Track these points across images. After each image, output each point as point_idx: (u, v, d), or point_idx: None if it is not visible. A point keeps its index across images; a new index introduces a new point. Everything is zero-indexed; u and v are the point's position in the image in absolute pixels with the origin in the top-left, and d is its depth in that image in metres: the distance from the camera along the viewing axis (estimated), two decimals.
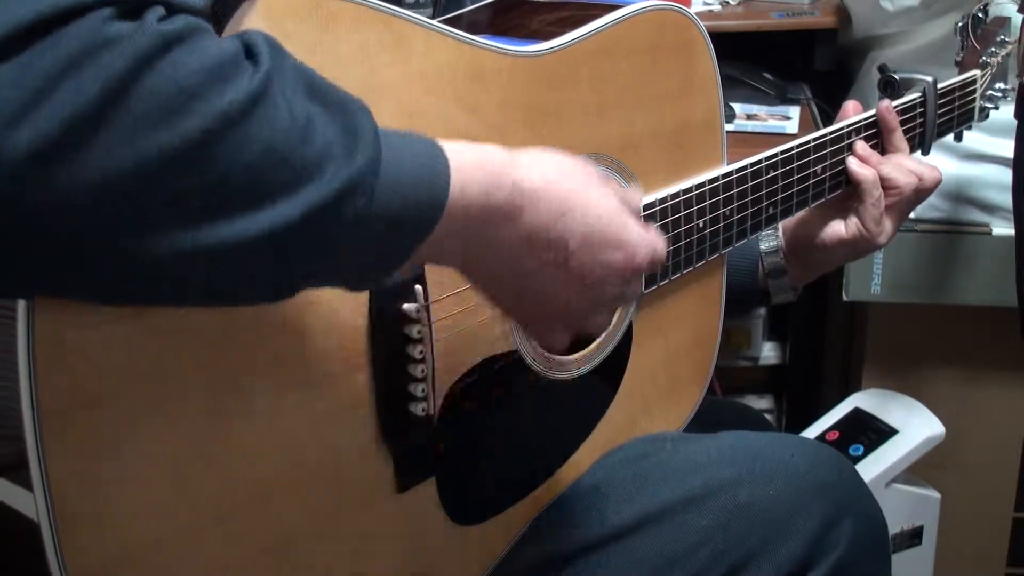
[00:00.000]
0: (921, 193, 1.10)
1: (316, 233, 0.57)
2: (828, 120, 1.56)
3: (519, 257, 0.68)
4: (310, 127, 0.57)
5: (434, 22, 0.76)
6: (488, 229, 0.66)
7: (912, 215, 1.19)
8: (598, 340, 0.94)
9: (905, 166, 1.09)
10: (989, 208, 1.46)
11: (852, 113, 1.10)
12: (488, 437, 0.87)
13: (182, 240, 0.54)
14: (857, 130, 1.08)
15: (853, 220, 1.09)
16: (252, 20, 0.64)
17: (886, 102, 1.10)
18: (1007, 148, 1.25)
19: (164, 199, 0.53)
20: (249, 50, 0.56)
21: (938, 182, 1.11)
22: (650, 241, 0.74)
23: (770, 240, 1.13)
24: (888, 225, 1.09)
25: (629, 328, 0.97)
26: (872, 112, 1.11)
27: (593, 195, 0.71)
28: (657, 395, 1.03)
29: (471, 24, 0.95)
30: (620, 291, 0.74)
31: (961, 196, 1.46)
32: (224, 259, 0.55)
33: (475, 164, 0.65)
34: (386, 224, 0.60)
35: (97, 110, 0.50)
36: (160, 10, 0.53)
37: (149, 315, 0.63)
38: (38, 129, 0.49)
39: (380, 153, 0.60)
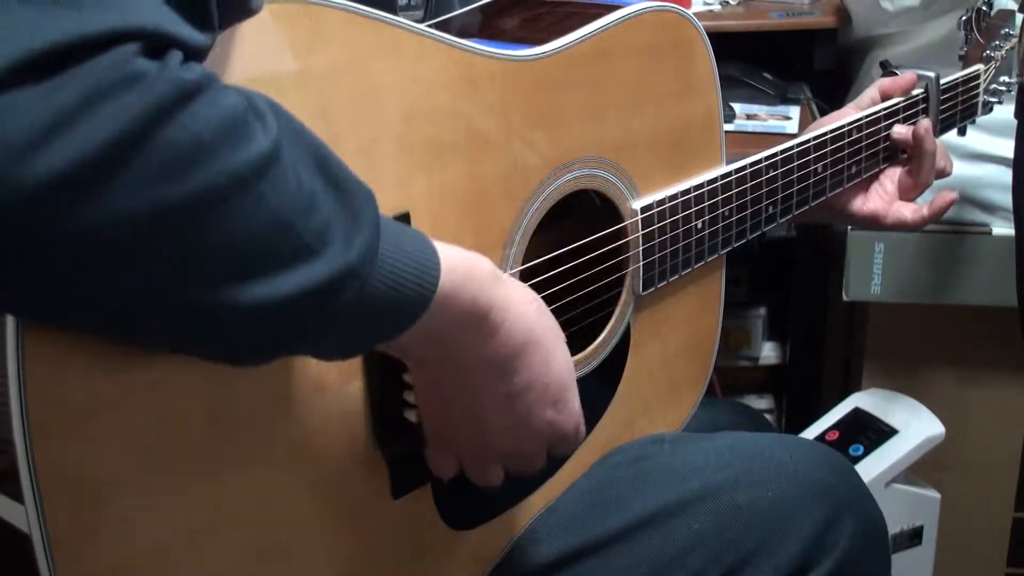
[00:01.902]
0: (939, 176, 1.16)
1: (304, 312, 0.57)
2: None
3: (473, 369, 0.70)
4: (315, 202, 0.57)
5: (425, 27, 0.76)
6: (459, 334, 0.67)
7: None
8: (597, 341, 0.94)
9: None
10: (989, 208, 1.46)
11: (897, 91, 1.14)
12: None
13: (173, 295, 0.54)
14: (859, 127, 1.08)
15: (877, 192, 1.13)
16: (245, 29, 0.63)
17: (926, 122, 1.11)
18: (1007, 148, 1.25)
19: (167, 252, 0.52)
20: (254, 105, 0.56)
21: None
22: (580, 419, 0.76)
23: None
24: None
25: (627, 329, 0.97)
26: (873, 109, 1.11)
27: (558, 346, 0.74)
28: (656, 396, 1.03)
29: (464, 26, 0.95)
30: (539, 448, 0.76)
31: (961, 196, 1.46)
32: (210, 320, 0.55)
33: (464, 271, 0.66)
34: (371, 312, 0.61)
35: (118, 149, 0.49)
36: (179, 54, 0.52)
37: None
38: (56, 159, 0.48)
39: (379, 244, 0.60)
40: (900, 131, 1.12)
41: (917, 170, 1.14)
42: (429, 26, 0.79)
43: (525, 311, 0.70)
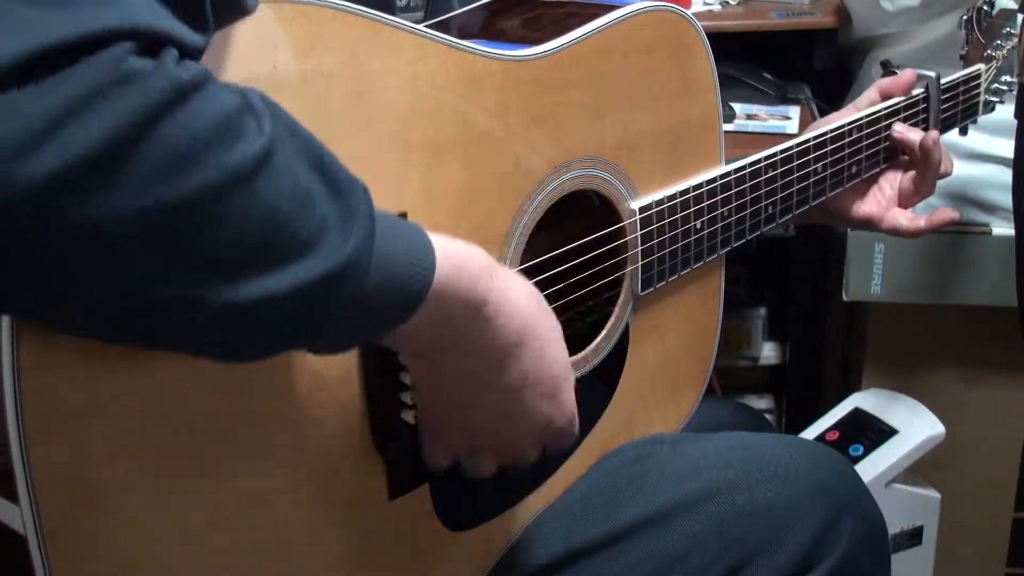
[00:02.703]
0: (940, 177, 1.15)
1: (301, 307, 0.57)
2: None
3: (469, 360, 0.70)
4: (310, 198, 0.57)
5: (423, 28, 0.75)
6: (456, 325, 0.67)
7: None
8: (595, 342, 0.94)
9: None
10: (989, 208, 1.46)
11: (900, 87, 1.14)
12: None
13: (172, 294, 0.53)
14: (859, 127, 1.08)
15: (875, 196, 1.13)
16: (242, 29, 0.63)
17: (934, 134, 1.11)
18: (1007, 148, 1.24)
19: (164, 250, 0.52)
20: (249, 102, 0.56)
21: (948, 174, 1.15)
22: (574, 413, 0.76)
23: None
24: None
25: (626, 330, 0.97)
26: (873, 109, 1.11)
27: (554, 338, 0.73)
28: (655, 396, 1.03)
29: (465, 26, 0.95)
30: (531, 440, 0.76)
31: (961, 196, 1.46)
32: (209, 318, 0.55)
33: (460, 262, 0.66)
34: (368, 306, 0.61)
35: (114, 149, 0.49)
36: (175, 52, 0.52)
37: None
38: (54, 159, 0.48)
39: (374, 238, 0.60)
40: (900, 130, 1.12)
41: (921, 180, 1.13)
42: (428, 26, 0.79)
43: (522, 303, 0.70)
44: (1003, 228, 1.45)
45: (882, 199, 1.15)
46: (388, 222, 0.62)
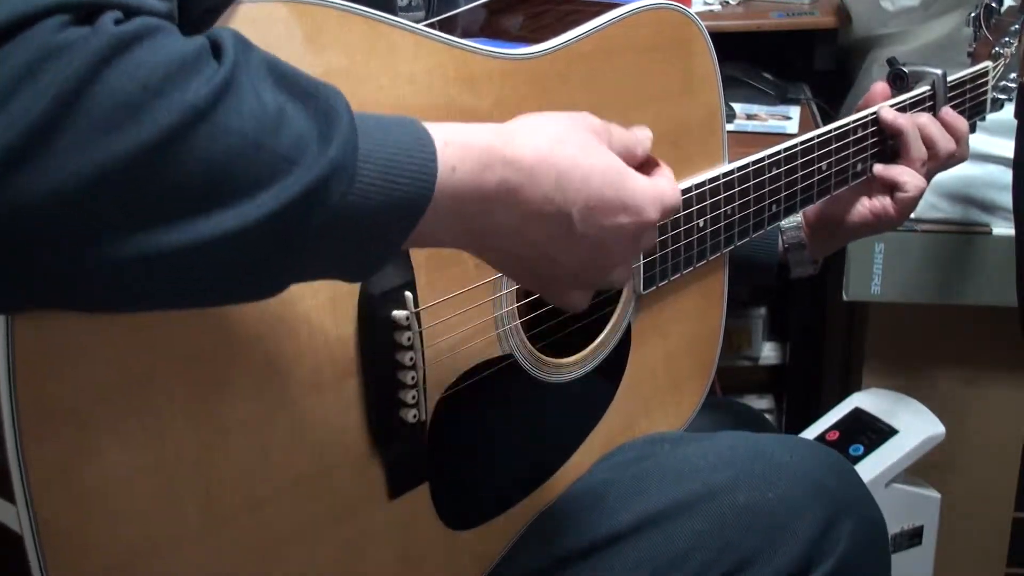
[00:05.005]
0: (952, 159, 1.11)
1: (298, 225, 0.55)
2: (828, 120, 1.56)
3: (522, 233, 0.66)
4: (282, 117, 0.55)
5: (421, 27, 0.75)
6: (484, 211, 0.64)
7: (912, 215, 1.19)
8: (597, 340, 0.94)
9: (941, 127, 1.10)
10: (989, 208, 1.46)
11: (880, 96, 1.11)
12: (482, 442, 0.87)
13: (156, 242, 0.52)
14: (863, 125, 1.08)
15: (879, 196, 1.10)
16: (239, 29, 0.63)
17: (886, 109, 1.09)
18: (1007, 148, 1.25)
19: (131, 202, 0.51)
20: (215, 46, 0.55)
21: (964, 157, 1.12)
22: (656, 195, 0.71)
23: (792, 215, 1.13)
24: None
25: (628, 329, 0.97)
26: (879, 106, 1.10)
27: (592, 159, 0.68)
28: (657, 396, 1.03)
29: (466, 25, 0.94)
30: (634, 248, 0.72)
31: (961, 196, 1.46)
32: (205, 257, 0.54)
33: (464, 145, 0.62)
34: (372, 212, 0.58)
35: (53, 117, 0.49)
36: (117, 14, 0.52)
37: (132, 322, 0.62)
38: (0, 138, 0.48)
39: (356, 138, 0.58)
40: (887, 117, 1.10)
41: (906, 151, 1.11)
42: (429, 25, 0.79)
43: (540, 153, 0.66)
44: (1003, 228, 1.45)
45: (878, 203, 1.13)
46: (375, 121, 0.60)
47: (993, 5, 1.20)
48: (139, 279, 0.54)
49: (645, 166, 0.74)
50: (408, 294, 0.76)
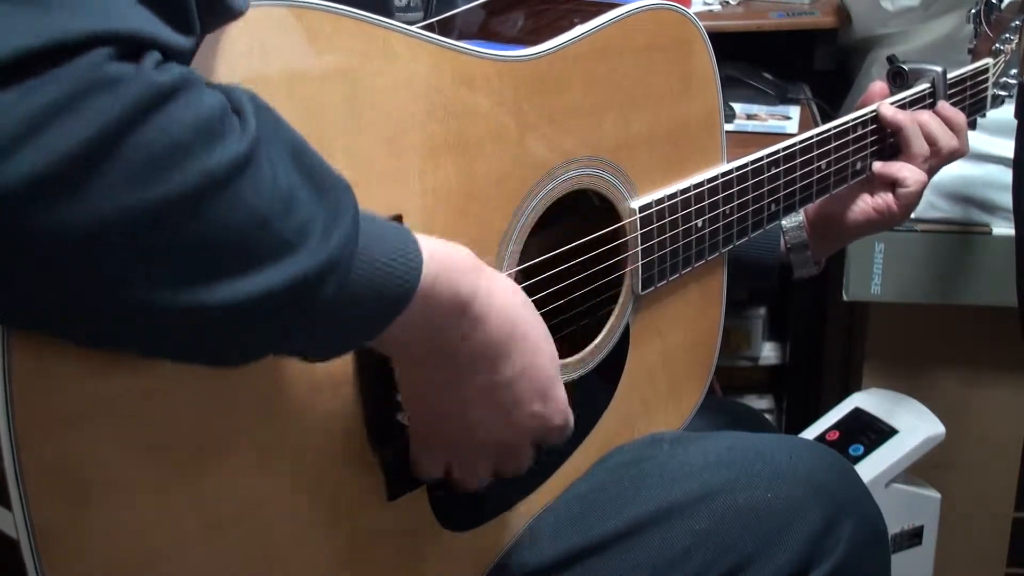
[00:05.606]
0: (954, 155, 1.11)
1: (285, 309, 0.57)
2: (828, 120, 1.56)
3: (459, 362, 0.70)
4: (293, 199, 0.57)
5: (417, 30, 0.75)
6: (443, 325, 0.67)
7: (912, 215, 1.19)
8: (595, 341, 0.94)
9: (941, 123, 1.11)
10: (989, 208, 1.46)
11: (878, 95, 1.11)
12: None
13: (156, 297, 0.53)
14: (863, 123, 1.08)
15: (881, 194, 1.10)
16: (234, 32, 0.63)
17: (886, 105, 1.09)
18: (1007, 148, 1.24)
19: (135, 254, 0.52)
20: (234, 104, 0.56)
21: (965, 151, 1.13)
22: (568, 412, 0.76)
23: (793, 215, 1.13)
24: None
25: (626, 329, 0.97)
26: (877, 104, 1.10)
27: (542, 336, 0.73)
28: (656, 396, 1.02)
29: (464, 26, 0.94)
30: (526, 442, 0.76)
31: (961, 196, 1.46)
32: (194, 322, 0.55)
33: (446, 261, 0.66)
34: (352, 308, 0.61)
35: (92, 152, 0.49)
36: (157, 55, 0.53)
37: None
38: (32, 163, 0.48)
39: (357, 238, 0.60)
40: (886, 113, 1.10)
41: (906, 147, 1.11)
42: (425, 26, 0.78)
43: (509, 302, 0.70)
44: (1003, 228, 1.45)
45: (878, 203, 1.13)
46: (373, 222, 0.62)
47: (994, 1, 1.20)
48: (119, 324, 0.55)
49: None
50: None
